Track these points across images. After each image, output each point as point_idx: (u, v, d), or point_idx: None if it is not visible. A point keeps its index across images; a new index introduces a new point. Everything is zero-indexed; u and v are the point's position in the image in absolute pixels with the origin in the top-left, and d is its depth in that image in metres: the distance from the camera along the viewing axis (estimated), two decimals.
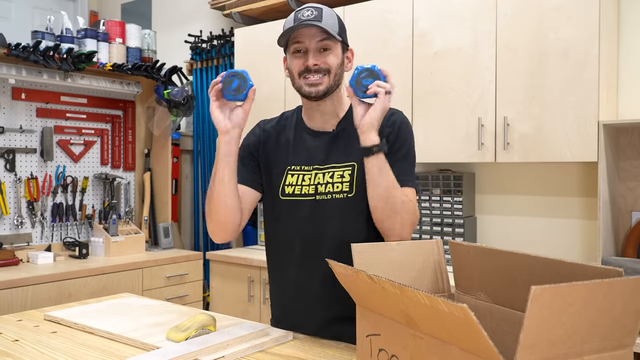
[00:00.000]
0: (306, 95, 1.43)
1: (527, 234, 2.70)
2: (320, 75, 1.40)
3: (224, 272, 3.13)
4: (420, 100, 2.67)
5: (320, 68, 1.40)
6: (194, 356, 1.24)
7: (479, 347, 0.72)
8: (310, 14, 1.38)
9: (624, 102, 2.47)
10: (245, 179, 1.49)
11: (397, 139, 1.42)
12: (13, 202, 3.02)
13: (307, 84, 1.41)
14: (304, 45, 1.40)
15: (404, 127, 1.44)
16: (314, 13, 1.38)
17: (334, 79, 1.42)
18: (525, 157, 2.39)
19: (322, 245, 1.43)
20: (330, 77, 1.41)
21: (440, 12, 2.61)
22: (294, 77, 1.44)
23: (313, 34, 1.38)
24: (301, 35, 1.39)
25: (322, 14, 1.38)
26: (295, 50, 1.41)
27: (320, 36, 1.38)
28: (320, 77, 1.40)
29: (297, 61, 1.42)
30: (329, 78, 1.41)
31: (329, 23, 1.38)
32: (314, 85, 1.40)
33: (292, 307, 1.50)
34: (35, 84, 3.09)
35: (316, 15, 1.38)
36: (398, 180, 1.35)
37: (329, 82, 1.41)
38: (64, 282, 2.66)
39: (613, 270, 0.84)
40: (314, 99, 1.43)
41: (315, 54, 1.40)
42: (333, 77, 1.42)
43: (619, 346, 0.77)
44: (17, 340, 1.44)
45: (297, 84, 1.44)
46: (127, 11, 4.59)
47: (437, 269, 1.24)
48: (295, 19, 1.40)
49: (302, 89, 1.43)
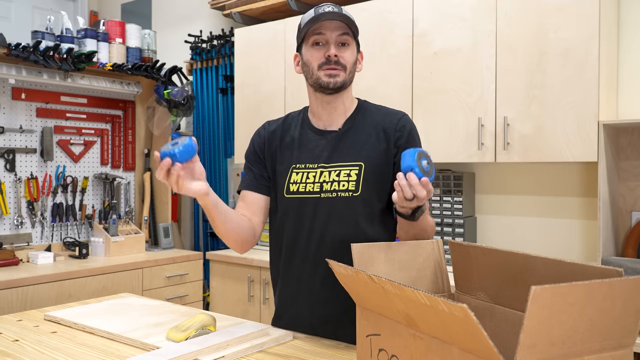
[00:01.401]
0: (324, 85, 1.42)
1: (527, 234, 2.70)
2: (339, 68, 1.41)
3: (224, 272, 3.13)
4: (420, 100, 2.67)
5: (339, 62, 1.41)
6: (194, 356, 1.24)
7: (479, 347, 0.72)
8: (331, 9, 1.40)
9: (624, 102, 2.47)
10: (253, 186, 1.51)
11: (407, 144, 1.43)
12: (13, 202, 3.02)
13: (327, 74, 1.41)
14: (324, 38, 1.41)
15: (413, 132, 1.46)
16: (335, 9, 1.40)
17: (348, 76, 1.44)
18: (525, 157, 2.39)
19: (324, 243, 1.43)
20: (346, 73, 1.42)
21: (440, 12, 2.61)
22: (312, 69, 1.43)
23: (335, 27, 1.40)
24: (323, 27, 1.40)
25: (342, 11, 1.41)
26: (315, 42, 1.42)
27: (341, 30, 1.40)
28: (339, 70, 1.41)
29: (318, 53, 1.42)
30: (345, 73, 1.42)
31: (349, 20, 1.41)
32: (332, 75, 1.41)
33: (293, 306, 1.50)
34: (35, 84, 3.09)
35: (337, 11, 1.40)
36: None
37: (345, 77, 1.43)
38: (64, 282, 2.66)
39: (613, 270, 0.84)
40: (330, 92, 1.43)
41: (335, 46, 1.41)
42: (348, 73, 1.43)
43: (619, 346, 0.77)
44: (17, 340, 1.44)
45: (314, 76, 1.43)
46: (127, 11, 4.59)
47: (437, 269, 1.24)
48: (316, 12, 1.41)
49: (321, 80, 1.42)
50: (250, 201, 1.50)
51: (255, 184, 1.51)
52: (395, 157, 1.43)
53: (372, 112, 1.50)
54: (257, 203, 1.51)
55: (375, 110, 1.51)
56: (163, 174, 1.18)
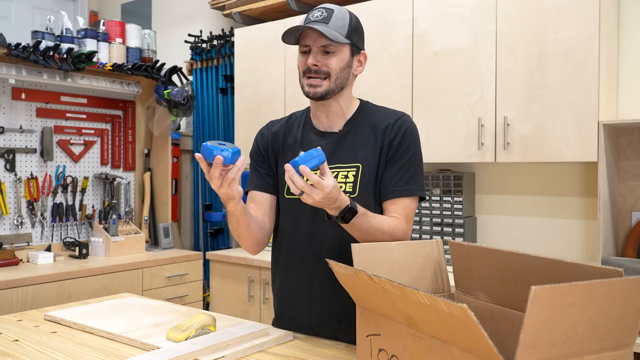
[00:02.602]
0: (306, 94, 1.44)
1: (527, 234, 2.70)
2: (320, 77, 1.40)
3: (224, 272, 3.13)
4: (420, 100, 2.67)
5: (320, 70, 1.40)
6: (194, 356, 1.24)
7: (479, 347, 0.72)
8: (319, 14, 1.39)
9: (624, 102, 2.47)
10: (262, 186, 1.51)
11: (400, 143, 1.42)
12: (13, 202, 3.02)
13: (308, 84, 1.42)
14: (308, 47, 1.41)
15: (410, 132, 1.45)
16: (324, 14, 1.39)
17: (335, 82, 1.42)
18: (525, 157, 2.39)
19: (323, 244, 1.43)
20: (330, 80, 1.41)
21: (440, 12, 2.61)
22: (299, 75, 1.46)
23: (317, 37, 1.39)
24: (307, 36, 1.41)
25: (331, 16, 1.38)
26: (302, 49, 1.43)
27: (324, 40, 1.39)
28: (320, 80, 1.40)
29: (302, 60, 1.43)
30: (329, 81, 1.41)
31: (336, 25, 1.38)
32: (312, 86, 1.41)
33: (293, 306, 1.51)
34: (35, 84, 3.09)
35: (325, 17, 1.38)
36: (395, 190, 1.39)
37: (329, 85, 1.41)
38: (64, 282, 2.65)
39: (613, 270, 0.84)
40: (313, 99, 1.44)
41: (317, 55, 1.40)
42: (334, 80, 1.41)
43: (619, 346, 0.77)
44: (17, 340, 1.44)
45: (301, 83, 1.45)
46: (127, 11, 4.59)
47: (437, 269, 1.24)
48: (306, 19, 1.41)
49: (304, 89, 1.44)
50: (260, 202, 1.50)
51: (264, 184, 1.52)
52: (387, 156, 1.43)
53: (372, 113, 1.50)
54: (268, 203, 1.51)
55: (376, 111, 1.51)
56: (218, 172, 1.20)
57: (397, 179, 1.40)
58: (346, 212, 1.26)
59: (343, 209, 1.26)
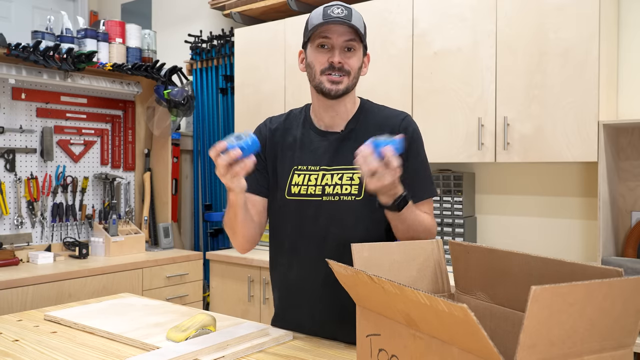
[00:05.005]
0: (326, 92, 1.41)
1: (527, 234, 2.70)
2: (342, 74, 1.39)
3: (224, 272, 3.13)
4: (420, 100, 2.67)
5: (343, 68, 1.39)
6: (194, 356, 1.24)
7: (479, 347, 0.72)
8: (340, 11, 1.37)
9: (624, 102, 2.47)
10: (256, 188, 1.50)
11: (410, 147, 1.41)
12: (13, 202, 3.02)
13: (329, 81, 1.39)
14: (330, 42, 1.38)
15: (417, 134, 1.46)
16: (344, 12, 1.37)
17: (352, 81, 1.42)
18: (525, 157, 2.39)
19: (325, 246, 1.43)
20: (349, 79, 1.40)
21: (440, 12, 2.61)
22: (315, 72, 1.42)
23: (342, 32, 1.37)
24: (330, 30, 1.37)
25: (351, 14, 1.37)
26: (320, 45, 1.40)
27: (348, 35, 1.37)
28: (341, 77, 1.39)
29: (322, 57, 1.40)
30: (348, 79, 1.40)
31: (357, 24, 1.38)
32: (335, 82, 1.39)
33: (293, 307, 1.50)
34: (35, 84, 3.09)
35: (346, 15, 1.36)
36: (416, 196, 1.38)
37: (348, 83, 1.41)
38: (64, 282, 2.66)
39: (613, 270, 0.84)
40: (332, 98, 1.42)
41: (340, 52, 1.38)
42: (352, 79, 1.41)
43: (619, 346, 0.77)
44: (17, 340, 1.44)
45: (317, 80, 1.42)
46: (127, 11, 4.59)
47: (437, 269, 1.24)
48: (325, 14, 1.37)
49: (323, 85, 1.40)
50: (253, 203, 1.49)
51: (257, 186, 1.50)
52: None
53: (374, 113, 1.49)
54: (260, 204, 1.51)
55: (377, 110, 1.50)
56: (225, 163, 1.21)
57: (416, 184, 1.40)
58: (401, 200, 1.27)
59: (398, 197, 1.27)
